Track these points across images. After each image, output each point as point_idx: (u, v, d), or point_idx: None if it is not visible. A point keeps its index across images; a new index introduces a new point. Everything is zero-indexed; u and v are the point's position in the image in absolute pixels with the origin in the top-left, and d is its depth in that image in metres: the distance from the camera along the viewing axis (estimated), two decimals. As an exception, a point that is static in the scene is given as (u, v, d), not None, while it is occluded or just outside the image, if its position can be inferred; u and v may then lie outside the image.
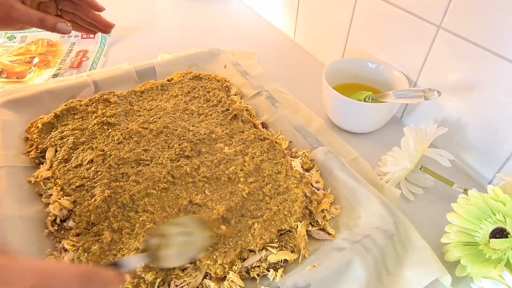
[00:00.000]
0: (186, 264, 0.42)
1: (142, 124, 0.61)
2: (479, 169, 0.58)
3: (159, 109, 0.65)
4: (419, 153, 0.53)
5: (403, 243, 0.45)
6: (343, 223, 0.50)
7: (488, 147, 0.56)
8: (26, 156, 0.57)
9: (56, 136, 0.58)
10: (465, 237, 0.43)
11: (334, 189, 0.53)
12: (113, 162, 0.53)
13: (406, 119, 0.69)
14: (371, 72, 0.69)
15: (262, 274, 0.44)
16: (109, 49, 0.88)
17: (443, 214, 0.46)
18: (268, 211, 0.48)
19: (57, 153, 0.55)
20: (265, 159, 0.56)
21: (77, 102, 0.64)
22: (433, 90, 0.54)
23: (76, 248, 0.44)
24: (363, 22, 0.71)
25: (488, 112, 0.54)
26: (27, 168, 0.55)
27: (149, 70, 0.76)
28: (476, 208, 0.44)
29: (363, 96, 0.64)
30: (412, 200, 0.54)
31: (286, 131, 0.63)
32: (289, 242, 0.46)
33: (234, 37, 0.98)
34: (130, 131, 0.59)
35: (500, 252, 0.40)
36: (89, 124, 0.60)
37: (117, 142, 0.57)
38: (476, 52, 0.52)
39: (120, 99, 0.66)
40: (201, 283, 0.42)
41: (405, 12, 0.61)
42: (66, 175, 0.52)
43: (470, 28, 0.52)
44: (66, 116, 0.62)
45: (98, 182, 0.50)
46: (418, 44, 0.61)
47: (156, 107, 0.65)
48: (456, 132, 0.59)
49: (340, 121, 0.67)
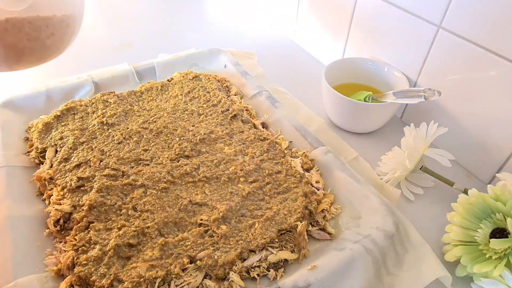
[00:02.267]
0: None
1: (142, 124, 0.61)
2: (479, 169, 0.58)
3: (159, 109, 0.65)
4: (419, 153, 0.53)
5: (403, 243, 0.45)
6: (343, 223, 0.50)
7: (488, 147, 0.56)
8: (26, 156, 0.57)
9: (56, 136, 0.58)
10: (465, 237, 0.43)
11: (334, 189, 0.53)
12: (113, 162, 0.53)
13: (406, 119, 0.69)
14: (371, 72, 0.69)
15: (262, 274, 0.44)
16: (109, 49, 0.88)
17: (443, 214, 0.46)
18: (268, 211, 0.48)
19: (57, 153, 0.55)
20: (265, 159, 0.56)
21: (77, 102, 0.64)
22: (433, 90, 0.54)
23: (76, 248, 0.44)
24: (363, 22, 0.71)
25: (488, 112, 0.54)
26: (27, 168, 0.55)
27: (149, 70, 0.76)
28: (476, 208, 0.44)
29: (363, 96, 0.64)
30: (412, 200, 0.54)
31: (286, 131, 0.63)
32: (289, 242, 0.46)
33: (234, 37, 0.98)
34: (130, 131, 0.59)
35: (500, 252, 0.40)
36: (89, 124, 0.60)
37: (117, 142, 0.57)
38: (476, 52, 0.52)
39: (120, 99, 0.66)
40: (201, 283, 0.42)
41: (405, 12, 0.61)
42: (66, 175, 0.52)
43: (470, 28, 0.52)
44: (66, 116, 0.62)
45: (98, 182, 0.50)
46: (418, 44, 0.61)
47: (156, 107, 0.65)
48: (456, 132, 0.59)
49: (340, 121, 0.67)
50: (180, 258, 0.43)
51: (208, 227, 0.47)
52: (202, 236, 0.46)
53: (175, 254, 0.43)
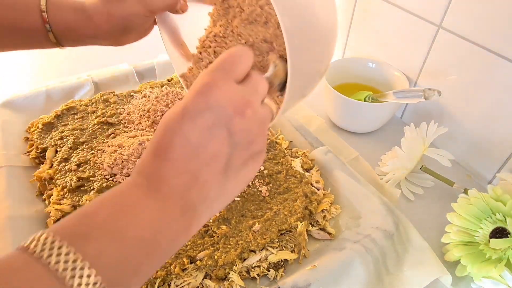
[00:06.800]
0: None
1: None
2: (479, 169, 0.58)
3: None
4: (419, 153, 0.53)
5: (403, 243, 0.45)
6: (343, 223, 0.49)
7: (488, 147, 0.56)
8: (26, 156, 0.57)
9: (56, 136, 0.58)
10: (465, 237, 0.43)
11: (334, 189, 0.53)
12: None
13: (406, 119, 0.69)
14: (371, 72, 0.69)
15: (262, 274, 0.44)
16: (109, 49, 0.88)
17: (443, 214, 0.46)
18: (269, 211, 0.48)
19: (57, 153, 0.55)
20: (265, 159, 0.56)
21: (77, 102, 0.64)
22: (433, 90, 0.54)
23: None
24: (363, 22, 0.71)
25: (488, 112, 0.54)
26: (27, 168, 0.55)
27: (149, 70, 0.76)
28: (476, 208, 0.44)
29: (363, 96, 0.64)
30: (412, 200, 0.54)
31: (286, 131, 0.63)
32: (289, 242, 0.46)
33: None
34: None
35: (500, 252, 0.40)
36: (89, 124, 0.60)
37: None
38: (476, 52, 0.52)
39: (120, 99, 0.66)
40: (201, 283, 0.42)
41: (405, 12, 0.61)
42: (66, 175, 0.52)
43: (470, 28, 0.52)
44: (66, 116, 0.62)
45: (98, 182, 0.50)
46: (418, 44, 0.61)
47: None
48: (456, 132, 0.59)
49: (340, 121, 0.67)
50: (180, 258, 0.43)
51: (208, 227, 0.47)
52: (202, 236, 0.46)
53: (175, 254, 0.43)
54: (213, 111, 0.25)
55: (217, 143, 0.26)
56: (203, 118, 0.25)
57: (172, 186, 0.25)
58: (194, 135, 0.25)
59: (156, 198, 0.25)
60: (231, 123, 0.26)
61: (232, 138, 0.26)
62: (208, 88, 0.26)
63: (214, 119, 0.25)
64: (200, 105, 0.25)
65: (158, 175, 0.25)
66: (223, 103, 0.26)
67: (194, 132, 0.25)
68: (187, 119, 0.25)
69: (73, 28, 0.42)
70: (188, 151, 0.25)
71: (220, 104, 0.25)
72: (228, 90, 0.26)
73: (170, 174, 0.25)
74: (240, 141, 0.27)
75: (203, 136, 0.25)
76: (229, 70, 0.27)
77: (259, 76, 0.30)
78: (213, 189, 0.26)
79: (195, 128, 0.25)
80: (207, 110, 0.25)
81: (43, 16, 0.41)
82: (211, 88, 0.26)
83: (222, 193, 0.27)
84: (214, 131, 0.26)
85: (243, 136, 0.27)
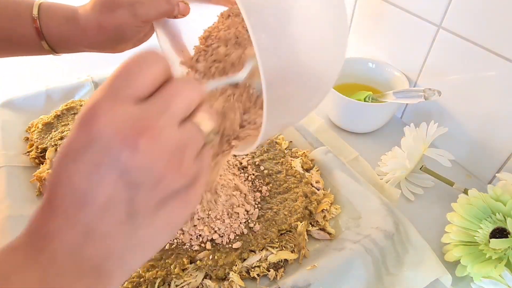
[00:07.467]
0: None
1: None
2: (479, 169, 0.58)
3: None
4: (419, 153, 0.53)
5: (403, 243, 0.45)
6: (343, 223, 0.49)
7: (488, 147, 0.56)
8: (26, 156, 0.57)
9: (56, 136, 0.58)
10: (465, 237, 0.43)
11: (334, 189, 0.53)
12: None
13: (406, 119, 0.69)
14: (371, 72, 0.69)
15: (262, 274, 0.43)
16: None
17: (443, 214, 0.46)
18: (269, 211, 0.48)
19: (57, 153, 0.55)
20: (265, 159, 0.56)
21: (77, 102, 0.64)
22: (433, 90, 0.54)
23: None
24: (363, 22, 0.71)
25: (488, 112, 0.54)
26: (27, 168, 0.55)
27: (149, 70, 0.76)
28: (476, 208, 0.44)
29: (363, 96, 0.64)
30: (412, 200, 0.54)
31: (286, 131, 0.63)
32: (289, 242, 0.46)
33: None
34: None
35: (500, 252, 0.40)
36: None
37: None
38: (476, 52, 0.52)
39: (120, 99, 0.66)
40: (201, 283, 0.42)
41: (405, 12, 0.61)
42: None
43: (470, 28, 0.52)
44: (66, 116, 0.62)
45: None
46: (418, 44, 0.61)
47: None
48: (456, 132, 0.59)
49: (340, 121, 0.67)
50: (180, 258, 0.43)
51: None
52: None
53: (175, 254, 0.43)
54: (97, 146, 0.20)
55: (108, 187, 0.20)
56: (85, 157, 0.20)
57: (61, 243, 0.20)
58: (78, 179, 0.20)
59: (39, 262, 0.20)
60: (119, 160, 0.20)
61: (127, 177, 0.20)
62: (90, 115, 0.20)
63: (99, 156, 0.20)
64: (81, 139, 0.20)
65: (44, 231, 0.21)
66: (108, 133, 0.20)
67: (78, 175, 0.20)
68: (70, 159, 0.21)
69: (66, 38, 0.42)
70: (76, 199, 0.20)
71: (103, 136, 0.20)
72: (115, 115, 0.20)
73: (57, 229, 0.21)
74: (141, 180, 0.21)
75: (89, 179, 0.20)
76: (121, 86, 0.21)
77: (181, 84, 0.22)
78: (118, 241, 0.21)
79: (78, 170, 0.20)
80: (90, 145, 0.20)
81: (36, 24, 0.41)
82: (95, 115, 0.20)
83: (136, 243, 0.22)
84: (101, 172, 0.20)
85: (142, 174, 0.21)
